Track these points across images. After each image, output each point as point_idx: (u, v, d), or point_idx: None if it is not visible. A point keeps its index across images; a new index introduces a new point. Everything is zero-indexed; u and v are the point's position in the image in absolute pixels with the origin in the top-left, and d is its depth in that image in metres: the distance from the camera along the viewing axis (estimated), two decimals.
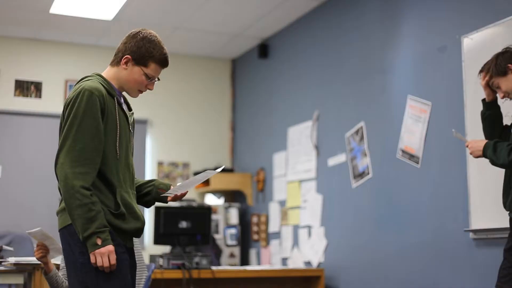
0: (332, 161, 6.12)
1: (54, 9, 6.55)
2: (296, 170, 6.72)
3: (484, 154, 3.59)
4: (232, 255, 7.31)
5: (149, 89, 3.00)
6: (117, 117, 2.84)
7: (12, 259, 4.34)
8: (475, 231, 4.43)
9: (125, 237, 2.85)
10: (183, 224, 5.54)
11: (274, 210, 7.10)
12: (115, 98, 2.87)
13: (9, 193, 7.11)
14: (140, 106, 2.87)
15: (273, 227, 7.10)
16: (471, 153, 3.67)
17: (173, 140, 7.97)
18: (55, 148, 2.74)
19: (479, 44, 4.51)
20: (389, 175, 5.37)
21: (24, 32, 7.29)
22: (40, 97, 7.40)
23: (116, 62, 2.95)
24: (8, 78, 7.32)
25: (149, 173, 7.74)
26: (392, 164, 5.31)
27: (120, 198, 2.81)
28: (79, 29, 7.17)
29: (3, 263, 4.41)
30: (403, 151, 5.17)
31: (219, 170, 3.20)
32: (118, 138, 2.83)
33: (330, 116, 6.24)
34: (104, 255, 2.68)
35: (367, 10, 5.84)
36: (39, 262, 4.01)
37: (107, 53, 7.45)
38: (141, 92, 2.98)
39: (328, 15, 6.38)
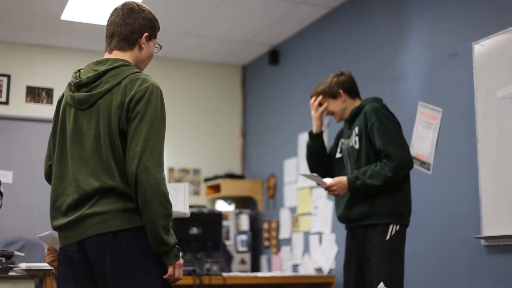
0: None
1: (65, 16, 6.58)
2: None
3: (353, 186, 3.86)
4: (243, 262, 7.30)
5: None
6: None
7: (23, 265, 4.35)
8: (486, 238, 4.41)
9: None
10: (194, 231, 5.54)
11: (285, 216, 7.10)
12: None
13: (21, 199, 7.14)
14: None
15: (284, 233, 7.09)
16: (336, 194, 3.95)
17: (183, 146, 7.98)
18: None
19: (490, 50, 4.49)
20: None
21: (35, 38, 7.33)
22: (51, 103, 7.43)
23: (129, 44, 2.79)
24: (19, 84, 7.35)
25: None
26: None
27: None
28: (89, 35, 7.19)
29: (14, 269, 4.42)
30: (414, 158, 5.15)
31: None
32: None
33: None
34: (181, 267, 2.63)
35: (377, 17, 5.84)
36: (50, 268, 4.01)
37: None
38: None
39: (338, 22, 6.38)
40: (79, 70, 2.80)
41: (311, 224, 6.56)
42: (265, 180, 7.59)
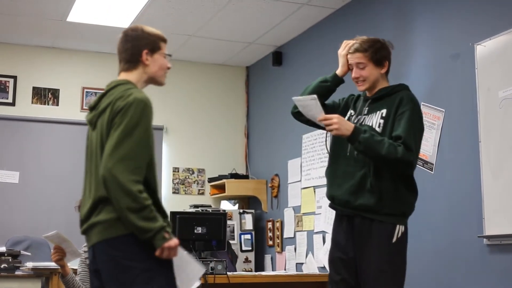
0: None
1: (72, 18, 6.62)
2: (310, 177, 6.74)
3: (356, 135, 3.36)
4: (247, 261, 7.34)
5: (168, 68, 3.05)
6: None
7: (29, 264, 4.41)
8: (489, 237, 4.44)
9: None
10: (199, 230, 5.57)
11: (288, 216, 7.13)
12: None
13: (27, 199, 7.19)
14: (156, 113, 2.94)
15: (287, 233, 7.13)
16: (335, 129, 3.40)
17: (188, 146, 8.02)
18: (72, 154, 2.82)
19: (492, 51, 4.52)
20: None
21: (41, 40, 7.37)
22: (57, 104, 7.49)
23: (133, 64, 2.97)
24: (25, 85, 7.41)
25: (165, 178, 7.79)
26: None
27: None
28: (96, 37, 7.24)
29: (21, 268, 4.47)
30: None
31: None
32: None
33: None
34: (171, 248, 2.70)
35: (380, 19, 5.86)
36: (56, 267, 4.06)
37: None
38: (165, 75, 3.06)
39: (342, 23, 6.41)
40: None
41: (315, 223, 6.59)
42: (269, 180, 7.62)
